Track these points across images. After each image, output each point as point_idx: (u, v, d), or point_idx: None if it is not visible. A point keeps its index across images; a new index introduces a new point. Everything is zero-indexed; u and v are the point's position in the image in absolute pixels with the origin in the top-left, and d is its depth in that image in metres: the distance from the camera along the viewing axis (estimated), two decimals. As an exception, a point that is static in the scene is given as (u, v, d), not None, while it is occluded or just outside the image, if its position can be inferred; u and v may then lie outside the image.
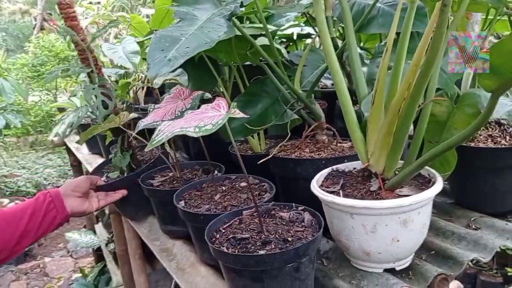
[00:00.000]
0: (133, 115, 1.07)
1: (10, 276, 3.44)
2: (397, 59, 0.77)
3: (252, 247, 0.73)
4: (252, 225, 0.80)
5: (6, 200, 3.81)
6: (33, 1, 11.68)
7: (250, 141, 1.23)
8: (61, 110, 2.34)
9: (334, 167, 0.95)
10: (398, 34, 0.80)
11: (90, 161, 1.80)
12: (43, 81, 4.62)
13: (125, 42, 1.41)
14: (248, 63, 1.29)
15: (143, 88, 1.64)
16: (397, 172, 0.85)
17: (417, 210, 0.78)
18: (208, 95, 0.78)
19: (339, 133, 1.08)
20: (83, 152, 1.94)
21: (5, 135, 4.65)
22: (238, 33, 0.88)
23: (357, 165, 0.96)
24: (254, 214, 0.85)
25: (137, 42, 1.45)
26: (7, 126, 3.55)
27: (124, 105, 1.67)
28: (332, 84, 1.41)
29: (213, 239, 0.77)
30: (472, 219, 1.00)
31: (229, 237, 0.77)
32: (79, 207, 1.06)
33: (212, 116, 0.64)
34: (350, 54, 0.86)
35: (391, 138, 0.80)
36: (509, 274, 2.49)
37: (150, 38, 1.55)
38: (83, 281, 2.58)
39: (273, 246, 0.72)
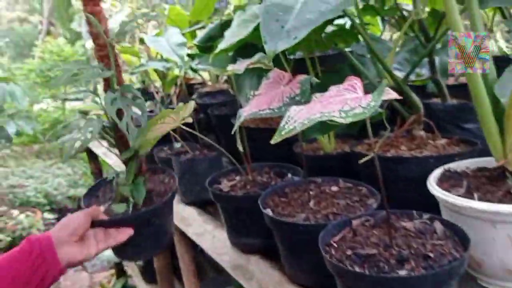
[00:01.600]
0: (192, 104, 0.89)
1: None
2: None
3: (386, 267, 0.58)
4: (372, 238, 0.65)
5: (16, 211, 3.65)
6: (32, 8, 11.58)
7: (320, 140, 1.08)
8: (85, 113, 2.20)
9: (446, 166, 0.81)
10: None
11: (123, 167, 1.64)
12: (51, 88, 4.48)
13: (169, 33, 1.27)
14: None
15: (180, 85, 1.49)
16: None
17: None
18: (314, 79, 0.64)
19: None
20: (113, 158, 1.79)
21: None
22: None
23: (469, 164, 0.82)
24: (366, 223, 0.70)
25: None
26: (17, 133, 3.40)
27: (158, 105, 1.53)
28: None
29: (327, 255, 0.63)
30: None
31: (348, 253, 0.62)
32: (76, 256, 0.81)
33: (354, 98, 0.50)
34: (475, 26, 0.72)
35: (540, 129, 0.65)
36: None
37: (192, 30, 1.42)
38: (104, 296, 2.42)
39: (413, 265, 0.58)
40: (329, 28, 1.04)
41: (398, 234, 0.65)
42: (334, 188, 0.85)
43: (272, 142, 0.48)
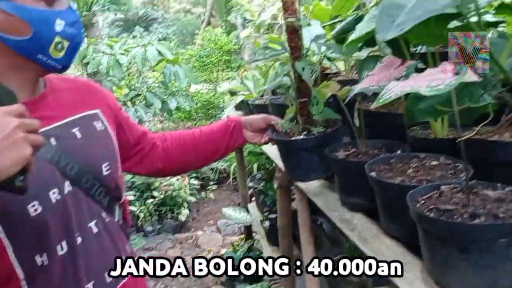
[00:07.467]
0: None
1: (168, 244, 3.89)
2: None
3: (459, 219, 0.72)
4: (454, 199, 0.78)
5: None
6: (196, 1, 12.92)
7: (433, 125, 1.19)
8: (233, 94, 2.55)
9: (545, 154, 0.88)
10: None
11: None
12: (206, 72, 5.08)
13: (311, 26, 1.48)
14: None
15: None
16: None
17: None
18: (421, 65, 0.79)
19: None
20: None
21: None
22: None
23: None
24: (454, 189, 0.83)
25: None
26: (177, 108, 3.98)
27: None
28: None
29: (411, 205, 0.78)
30: None
31: (430, 207, 0.77)
32: (251, 138, 1.36)
33: (442, 78, 0.65)
34: None
35: None
36: None
37: (333, 23, 1.61)
38: (234, 254, 2.78)
39: (483, 219, 0.70)
40: (454, 24, 1.14)
41: (478, 198, 0.78)
42: (434, 162, 0.98)
43: (372, 107, 0.66)
